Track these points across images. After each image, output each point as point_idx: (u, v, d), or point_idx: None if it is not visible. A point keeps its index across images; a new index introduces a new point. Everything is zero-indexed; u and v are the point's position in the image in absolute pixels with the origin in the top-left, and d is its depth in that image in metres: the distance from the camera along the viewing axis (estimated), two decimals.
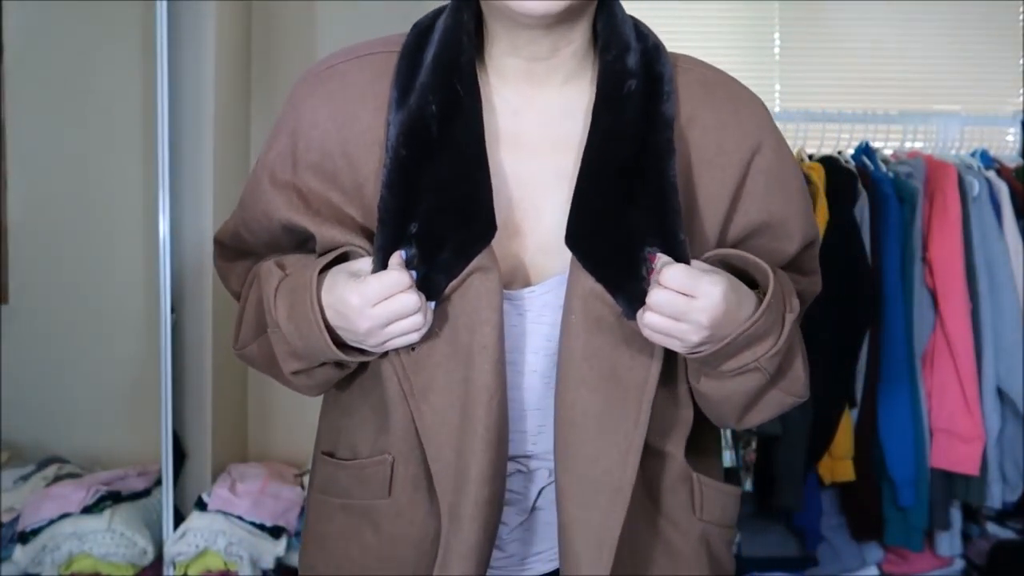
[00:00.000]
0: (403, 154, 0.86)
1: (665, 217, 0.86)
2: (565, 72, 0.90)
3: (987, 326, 2.25)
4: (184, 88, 2.46)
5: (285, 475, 2.55)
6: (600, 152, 0.87)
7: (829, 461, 2.26)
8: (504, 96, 0.91)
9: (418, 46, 0.91)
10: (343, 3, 2.83)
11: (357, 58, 0.93)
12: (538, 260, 0.91)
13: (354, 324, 0.85)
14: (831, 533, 2.38)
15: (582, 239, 0.85)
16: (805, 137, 2.49)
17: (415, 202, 0.86)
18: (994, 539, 2.43)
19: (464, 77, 0.87)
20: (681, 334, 0.83)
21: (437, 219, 0.86)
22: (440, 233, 0.85)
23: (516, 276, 0.91)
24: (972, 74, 3.13)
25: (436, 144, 0.86)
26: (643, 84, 0.88)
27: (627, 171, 0.86)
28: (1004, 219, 2.33)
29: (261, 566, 2.23)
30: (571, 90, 0.91)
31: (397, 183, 0.86)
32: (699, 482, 0.97)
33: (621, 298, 0.86)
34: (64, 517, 2.21)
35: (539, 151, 0.90)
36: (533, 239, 0.90)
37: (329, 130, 0.90)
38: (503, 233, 0.87)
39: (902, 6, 3.13)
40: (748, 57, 3.13)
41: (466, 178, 0.86)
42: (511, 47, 0.89)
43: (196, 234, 2.49)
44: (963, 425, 2.22)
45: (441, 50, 0.88)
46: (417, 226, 0.85)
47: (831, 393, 2.23)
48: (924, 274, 2.28)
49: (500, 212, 0.87)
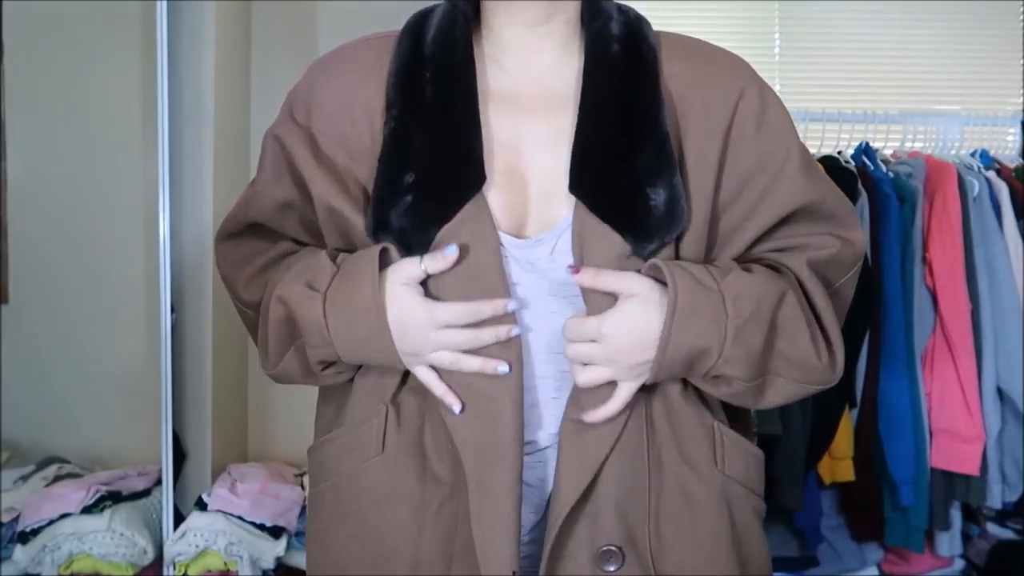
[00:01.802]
0: (401, 112, 0.94)
1: (663, 160, 0.91)
2: (559, 39, 0.97)
3: (987, 326, 2.25)
4: (184, 88, 2.46)
5: (285, 475, 2.55)
6: (595, 105, 0.93)
7: (829, 461, 2.26)
8: (501, 62, 0.97)
9: (419, 24, 0.98)
10: (343, 3, 2.83)
11: (365, 40, 1.01)
12: (543, 209, 0.94)
13: (419, 347, 0.91)
14: (831, 533, 2.38)
15: (585, 185, 0.91)
16: (805, 137, 2.49)
17: (412, 155, 0.92)
18: (994, 539, 2.43)
19: (459, 45, 0.95)
20: (613, 376, 0.89)
21: (432, 170, 0.92)
22: (434, 182, 0.92)
23: (521, 221, 0.94)
24: (972, 74, 3.13)
25: (431, 104, 0.93)
26: (628, 46, 0.95)
27: (621, 122, 0.92)
28: (1004, 219, 2.33)
29: (261, 566, 2.23)
30: (564, 55, 0.98)
31: (396, 137, 0.93)
32: (721, 433, 0.97)
33: (628, 236, 0.90)
34: (64, 517, 2.21)
35: (536, 109, 0.96)
36: (536, 189, 0.94)
37: (339, 98, 0.98)
38: (504, 185, 0.93)
39: (902, 6, 3.14)
40: (748, 57, 3.10)
41: (458, 133, 0.92)
42: (508, 17, 0.96)
43: (196, 234, 2.49)
44: (963, 425, 2.22)
45: (440, 23, 0.96)
46: (413, 176, 0.92)
47: (831, 393, 2.22)
48: (924, 274, 2.28)
49: (498, 166, 0.93)
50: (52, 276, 2.65)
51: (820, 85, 3.12)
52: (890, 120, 2.55)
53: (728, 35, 3.12)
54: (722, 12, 3.11)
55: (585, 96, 0.94)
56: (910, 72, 3.13)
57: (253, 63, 2.81)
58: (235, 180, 2.70)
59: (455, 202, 0.91)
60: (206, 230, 2.50)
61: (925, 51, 3.14)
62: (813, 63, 3.13)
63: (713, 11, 3.11)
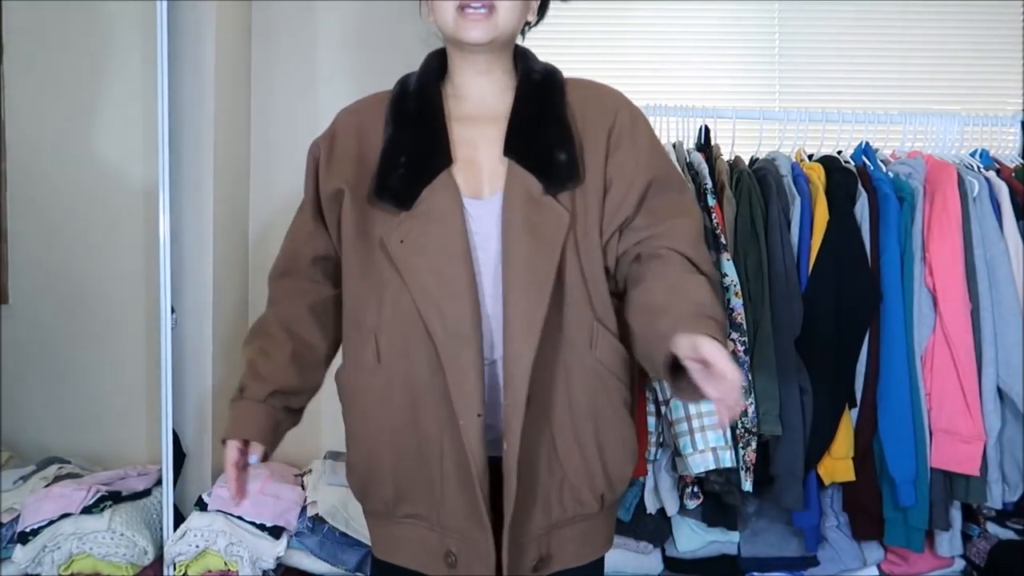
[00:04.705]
0: (395, 122, 1.43)
1: (564, 135, 1.40)
2: (497, 79, 1.46)
3: (987, 326, 2.25)
4: (184, 88, 2.47)
5: (285, 475, 2.55)
6: (522, 106, 1.43)
7: (829, 461, 2.26)
8: (461, 95, 1.47)
9: (406, 77, 1.49)
10: (343, 3, 2.83)
11: (374, 95, 1.51)
12: (492, 181, 1.40)
13: None
14: (831, 533, 2.38)
15: (514, 148, 1.39)
16: (805, 137, 2.49)
17: (403, 146, 1.41)
18: (994, 539, 2.43)
19: (432, 83, 1.46)
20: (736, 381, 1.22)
21: (416, 155, 1.40)
22: (417, 162, 1.39)
23: (478, 190, 1.39)
24: (972, 74, 3.13)
25: (414, 117, 1.43)
26: (547, 77, 1.46)
27: (538, 114, 1.42)
28: (1004, 219, 2.33)
29: (261, 566, 2.23)
30: (501, 90, 1.47)
31: (392, 136, 1.42)
32: (597, 329, 1.39)
33: (542, 178, 1.37)
34: (64, 517, 2.21)
35: (485, 122, 1.43)
36: (487, 170, 1.40)
37: (352, 130, 1.47)
38: (465, 168, 1.39)
39: (902, 6, 3.14)
40: (748, 57, 3.13)
41: (432, 133, 1.41)
42: (465, 67, 1.45)
43: (196, 234, 2.49)
44: (963, 425, 2.22)
45: (419, 72, 1.49)
46: (404, 158, 1.40)
47: (831, 393, 2.23)
48: (924, 274, 2.28)
49: (460, 156, 1.40)
50: (52, 276, 2.65)
51: (820, 85, 3.12)
52: (890, 120, 2.55)
53: (728, 35, 3.12)
54: (722, 12, 3.12)
55: (518, 99, 1.43)
56: (910, 72, 3.13)
57: (253, 63, 2.82)
58: (235, 180, 2.70)
59: (431, 174, 1.37)
60: (206, 231, 2.50)
61: (925, 51, 3.14)
62: (813, 63, 3.13)
63: (713, 11, 3.11)
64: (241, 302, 2.78)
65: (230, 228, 2.67)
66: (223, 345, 2.57)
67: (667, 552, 2.40)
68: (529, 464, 1.35)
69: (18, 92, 2.65)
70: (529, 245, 1.34)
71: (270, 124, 2.81)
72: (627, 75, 3.00)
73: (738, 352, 2.19)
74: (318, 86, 2.82)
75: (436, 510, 1.37)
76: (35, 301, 2.65)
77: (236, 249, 2.74)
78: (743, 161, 2.43)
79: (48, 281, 2.65)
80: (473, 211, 1.37)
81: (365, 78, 2.79)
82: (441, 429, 1.35)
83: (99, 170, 2.65)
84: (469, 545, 1.35)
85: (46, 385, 2.64)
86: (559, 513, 1.39)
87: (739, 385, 1.19)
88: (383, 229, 1.37)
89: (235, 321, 2.70)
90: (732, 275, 2.21)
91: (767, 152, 2.47)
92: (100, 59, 2.64)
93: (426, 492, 1.38)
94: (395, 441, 1.38)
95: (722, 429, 2.13)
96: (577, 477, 1.39)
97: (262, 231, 2.81)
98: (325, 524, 2.30)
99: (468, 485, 1.33)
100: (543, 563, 1.39)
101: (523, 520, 1.36)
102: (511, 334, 1.33)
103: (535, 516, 1.37)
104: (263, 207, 2.80)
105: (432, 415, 1.35)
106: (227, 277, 2.65)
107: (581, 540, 1.42)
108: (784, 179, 2.32)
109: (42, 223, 2.65)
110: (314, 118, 2.77)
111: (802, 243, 2.28)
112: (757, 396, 2.19)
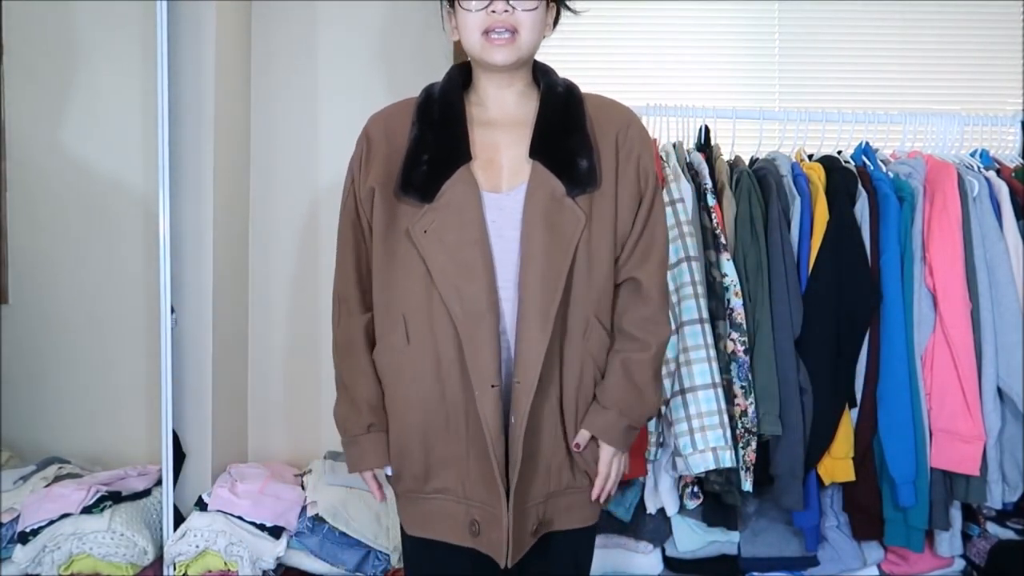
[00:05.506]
0: (421, 125, 1.56)
1: (585, 144, 1.54)
2: (518, 90, 1.59)
3: (987, 326, 2.25)
4: (184, 88, 2.47)
5: (285, 475, 2.55)
6: (548, 114, 1.56)
7: (829, 461, 2.26)
8: (482, 104, 1.61)
9: (431, 86, 1.62)
10: (343, 3, 2.83)
11: (403, 101, 1.64)
12: (511, 177, 1.54)
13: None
14: (831, 533, 2.38)
15: (540, 152, 1.53)
16: (805, 137, 2.49)
17: (427, 145, 1.54)
18: (994, 539, 2.43)
19: (455, 92, 1.59)
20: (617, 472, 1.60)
21: (439, 153, 1.53)
22: (440, 159, 1.53)
23: (496, 185, 1.53)
24: (972, 74, 3.13)
25: (438, 121, 1.56)
26: (568, 91, 1.59)
27: (561, 123, 1.55)
28: (1004, 219, 2.33)
29: (261, 566, 2.23)
30: (522, 98, 1.60)
31: (417, 137, 1.55)
32: (591, 324, 1.54)
33: (565, 183, 1.51)
34: (64, 517, 2.21)
35: (504, 127, 1.58)
36: (506, 168, 1.54)
37: (382, 132, 1.60)
38: (485, 167, 1.53)
39: (901, 6, 3.14)
40: (748, 57, 3.13)
41: (453, 134, 1.55)
42: (487, 81, 1.59)
43: (196, 234, 2.49)
44: (963, 425, 2.22)
45: (444, 82, 1.62)
46: (427, 156, 1.53)
47: (831, 393, 2.23)
48: (924, 274, 2.28)
49: (480, 155, 1.54)
50: (52, 276, 2.65)
51: (820, 85, 3.12)
52: (890, 120, 2.55)
53: (728, 35, 3.12)
54: (722, 12, 3.11)
55: (543, 108, 1.56)
56: (910, 72, 3.13)
57: (253, 63, 2.82)
58: (235, 180, 2.70)
59: (452, 168, 1.51)
60: (206, 230, 2.50)
61: (925, 51, 3.14)
62: (813, 63, 3.13)
63: (713, 11, 3.11)
64: (241, 302, 2.78)
65: (230, 228, 2.67)
66: (223, 345, 2.57)
67: (667, 552, 2.40)
68: (533, 436, 1.50)
69: (18, 92, 2.65)
70: (548, 240, 1.49)
71: (270, 124, 2.81)
72: (627, 75, 3.00)
73: (738, 352, 2.19)
74: (318, 86, 2.82)
75: (462, 482, 1.52)
76: (35, 301, 2.65)
77: (236, 249, 2.74)
78: (743, 161, 2.44)
79: (48, 281, 2.65)
80: (491, 203, 1.51)
81: (365, 78, 2.79)
82: (466, 402, 1.50)
83: (99, 170, 2.64)
84: (488, 512, 1.51)
85: (46, 385, 2.64)
86: (556, 484, 1.55)
87: (612, 486, 1.57)
88: (409, 221, 1.51)
89: (235, 321, 2.70)
90: (732, 275, 2.21)
91: (767, 152, 2.47)
92: (100, 59, 2.64)
93: (453, 465, 1.53)
94: (425, 417, 1.52)
95: (722, 429, 2.13)
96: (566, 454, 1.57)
97: (262, 231, 2.81)
98: (325, 524, 2.30)
99: (484, 454, 1.49)
100: (542, 526, 1.55)
101: (527, 487, 1.51)
102: (526, 321, 1.48)
103: (536, 484, 1.53)
104: (263, 207, 2.80)
105: (457, 389, 1.50)
106: (227, 277, 2.65)
107: (576, 507, 1.59)
108: (784, 179, 2.33)
109: (42, 223, 2.65)
110: (314, 118, 2.77)
111: (802, 243, 2.28)
112: (757, 396, 2.19)
